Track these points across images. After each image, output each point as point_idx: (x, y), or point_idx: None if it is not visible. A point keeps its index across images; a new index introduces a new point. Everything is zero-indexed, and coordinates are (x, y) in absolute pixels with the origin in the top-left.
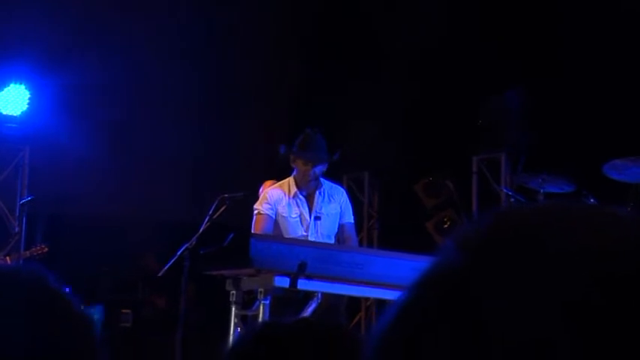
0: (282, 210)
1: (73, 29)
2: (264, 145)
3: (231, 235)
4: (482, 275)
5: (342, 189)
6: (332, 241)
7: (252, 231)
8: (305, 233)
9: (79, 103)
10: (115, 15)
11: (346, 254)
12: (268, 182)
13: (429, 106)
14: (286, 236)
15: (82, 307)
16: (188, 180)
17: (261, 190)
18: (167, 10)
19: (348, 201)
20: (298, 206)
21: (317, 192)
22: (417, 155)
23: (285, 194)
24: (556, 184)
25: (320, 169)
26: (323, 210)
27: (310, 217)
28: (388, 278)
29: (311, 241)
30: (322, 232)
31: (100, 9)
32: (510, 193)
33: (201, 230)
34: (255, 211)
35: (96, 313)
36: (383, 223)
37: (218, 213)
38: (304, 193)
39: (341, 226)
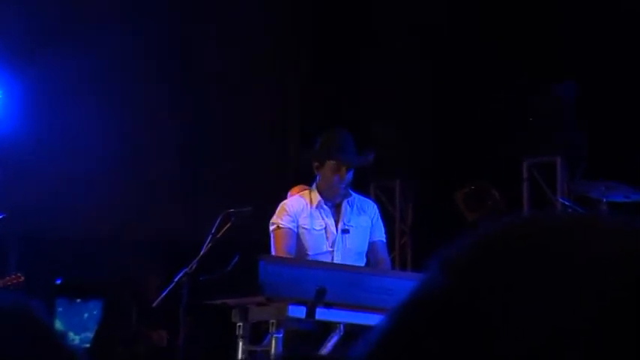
0: (304, 221)
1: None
2: (274, 152)
3: (237, 257)
4: (468, 296)
5: (373, 203)
6: (362, 259)
7: (273, 250)
8: (330, 248)
9: (51, 108)
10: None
11: (373, 278)
12: (296, 189)
13: (469, 103)
14: (308, 253)
15: (69, 341)
16: (186, 194)
17: (288, 196)
18: (150, 9)
19: (380, 217)
20: (323, 217)
21: (345, 202)
22: (457, 160)
23: (306, 203)
24: (621, 191)
25: (351, 175)
26: (352, 222)
27: (337, 230)
28: None
29: (332, 263)
30: (351, 248)
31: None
32: (567, 204)
33: (202, 252)
34: (273, 226)
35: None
36: (417, 241)
37: (222, 231)
38: (330, 204)
39: (371, 245)
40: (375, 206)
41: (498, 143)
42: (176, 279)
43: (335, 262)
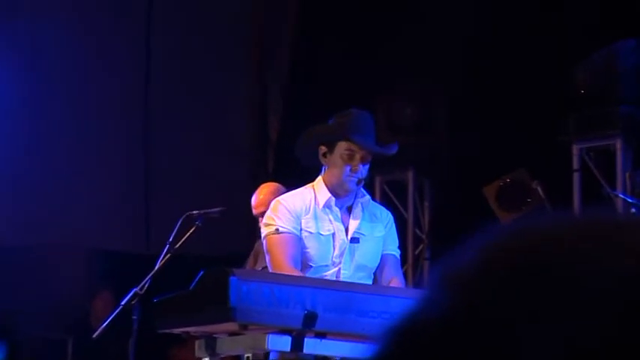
0: (309, 224)
1: None
2: (249, 140)
3: (201, 274)
4: (473, 316)
5: (387, 210)
6: (370, 277)
7: (269, 263)
8: (338, 259)
9: None
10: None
11: (378, 299)
12: (267, 186)
13: (500, 71)
14: (311, 264)
15: None
16: (138, 195)
17: (254, 199)
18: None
19: (395, 227)
20: (331, 220)
21: (356, 203)
22: (487, 144)
23: (308, 203)
24: None
25: (366, 170)
26: (364, 229)
27: (347, 237)
28: None
29: (324, 280)
30: (360, 262)
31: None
32: (630, 200)
33: (156, 267)
34: (269, 229)
35: None
36: (436, 251)
37: (182, 240)
38: (341, 204)
39: (384, 259)
40: (390, 214)
41: (539, 124)
42: (123, 302)
43: (340, 277)
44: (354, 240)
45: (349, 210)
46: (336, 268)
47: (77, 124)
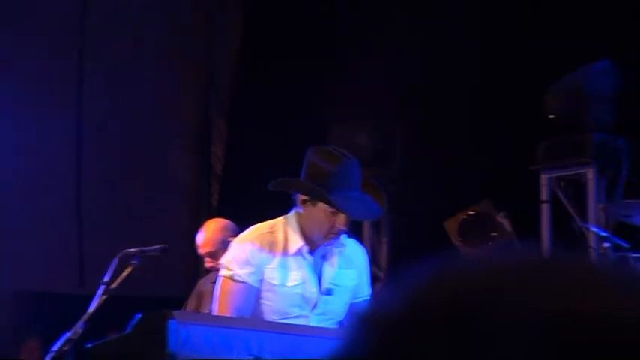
0: (272, 274)
1: None
2: (191, 169)
3: (139, 316)
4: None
5: (363, 250)
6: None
7: (216, 306)
8: (307, 314)
9: None
10: None
11: (328, 343)
12: (214, 222)
13: (463, 97)
14: (272, 317)
15: None
16: (70, 232)
17: (199, 237)
18: None
19: (369, 267)
20: (300, 269)
21: (333, 249)
22: (449, 175)
23: (275, 249)
24: None
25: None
26: (338, 279)
27: (319, 290)
28: None
29: (271, 322)
30: (332, 316)
31: None
32: (603, 234)
33: (91, 310)
34: (225, 273)
35: None
36: None
37: (119, 280)
38: (315, 252)
39: (353, 307)
40: (366, 255)
41: (507, 152)
42: (54, 348)
43: None
44: (328, 292)
45: (324, 257)
46: (304, 321)
47: (4, 160)
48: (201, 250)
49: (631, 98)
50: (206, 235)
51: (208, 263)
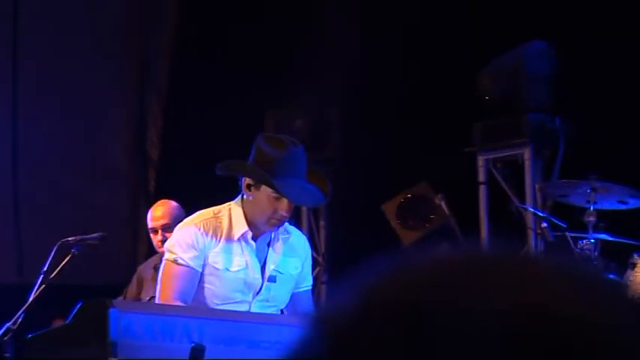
0: (215, 258)
1: None
2: (127, 156)
3: (79, 305)
4: None
5: (305, 238)
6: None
7: (158, 291)
8: (249, 300)
9: None
10: None
11: (269, 329)
12: (170, 202)
13: (398, 77)
14: (214, 302)
15: None
16: (6, 221)
17: (151, 214)
18: None
19: (311, 255)
20: (244, 255)
21: (277, 236)
22: (386, 156)
23: (220, 234)
24: (614, 194)
25: (293, 208)
26: (281, 267)
27: (263, 276)
28: None
29: (211, 310)
30: (272, 302)
31: None
32: (541, 214)
33: (30, 299)
34: (169, 256)
35: None
36: (334, 274)
37: (58, 269)
38: (259, 238)
39: (295, 296)
40: (308, 244)
41: (443, 133)
42: None
43: None
44: (271, 279)
45: (268, 244)
46: (246, 307)
47: None
48: (156, 223)
49: (567, 78)
50: (163, 208)
51: (158, 242)
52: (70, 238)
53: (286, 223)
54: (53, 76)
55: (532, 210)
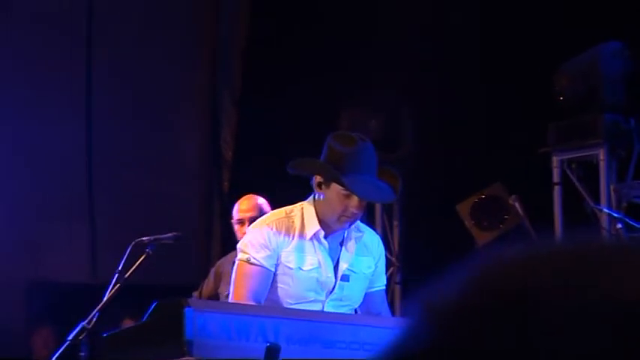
0: (288, 257)
1: None
2: (201, 155)
3: (154, 305)
4: (459, 348)
5: (379, 238)
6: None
7: (232, 290)
8: (323, 299)
9: None
10: None
11: (345, 329)
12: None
13: (473, 79)
14: (288, 301)
15: None
16: (82, 221)
17: (244, 204)
18: None
19: (385, 255)
20: (316, 254)
21: (350, 235)
22: (460, 158)
23: (292, 233)
24: None
25: (364, 206)
26: (355, 266)
27: (336, 274)
28: None
29: (287, 309)
30: (348, 302)
31: None
32: (616, 215)
33: (105, 299)
34: (241, 256)
35: None
36: (408, 274)
37: (132, 269)
38: (331, 237)
39: (368, 296)
40: (382, 243)
41: (518, 134)
42: (70, 337)
43: None
44: (344, 278)
45: (341, 243)
46: (319, 307)
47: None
48: (244, 215)
49: None
50: (252, 201)
51: (243, 234)
52: (144, 238)
53: (359, 222)
54: (126, 76)
55: (607, 211)
